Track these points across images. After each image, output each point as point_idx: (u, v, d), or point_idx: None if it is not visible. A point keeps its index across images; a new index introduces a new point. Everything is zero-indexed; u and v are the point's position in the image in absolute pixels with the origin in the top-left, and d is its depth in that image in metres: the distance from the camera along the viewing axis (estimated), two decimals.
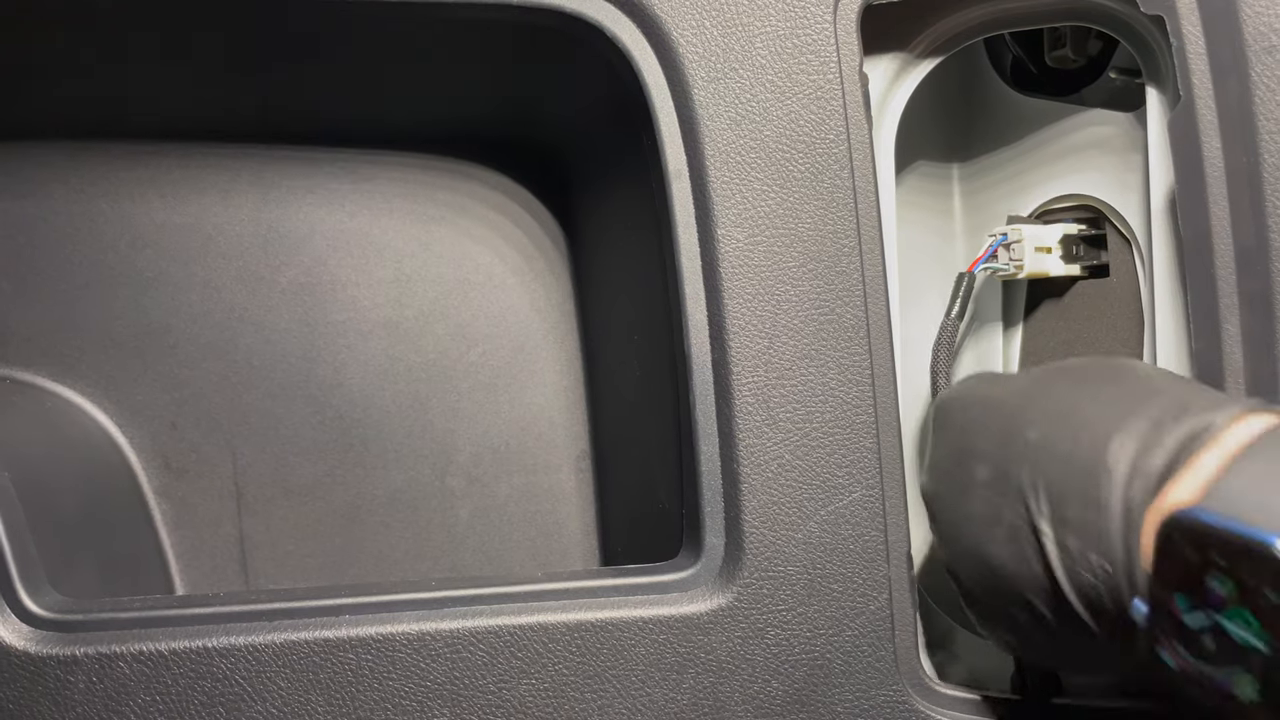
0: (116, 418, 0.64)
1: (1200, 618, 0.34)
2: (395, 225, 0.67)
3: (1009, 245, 0.58)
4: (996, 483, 0.43)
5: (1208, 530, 0.34)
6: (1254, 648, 0.32)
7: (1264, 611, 0.32)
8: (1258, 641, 0.32)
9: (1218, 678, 0.34)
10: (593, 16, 0.49)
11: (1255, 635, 0.32)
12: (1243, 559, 0.32)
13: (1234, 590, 0.33)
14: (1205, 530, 0.34)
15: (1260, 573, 0.32)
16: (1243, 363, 0.46)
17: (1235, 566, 0.33)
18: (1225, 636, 0.33)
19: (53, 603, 0.48)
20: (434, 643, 0.47)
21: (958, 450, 0.46)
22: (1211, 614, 0.33)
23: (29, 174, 0.62)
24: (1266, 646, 0.32)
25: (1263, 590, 0.32)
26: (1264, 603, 0.32)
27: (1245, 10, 0.46)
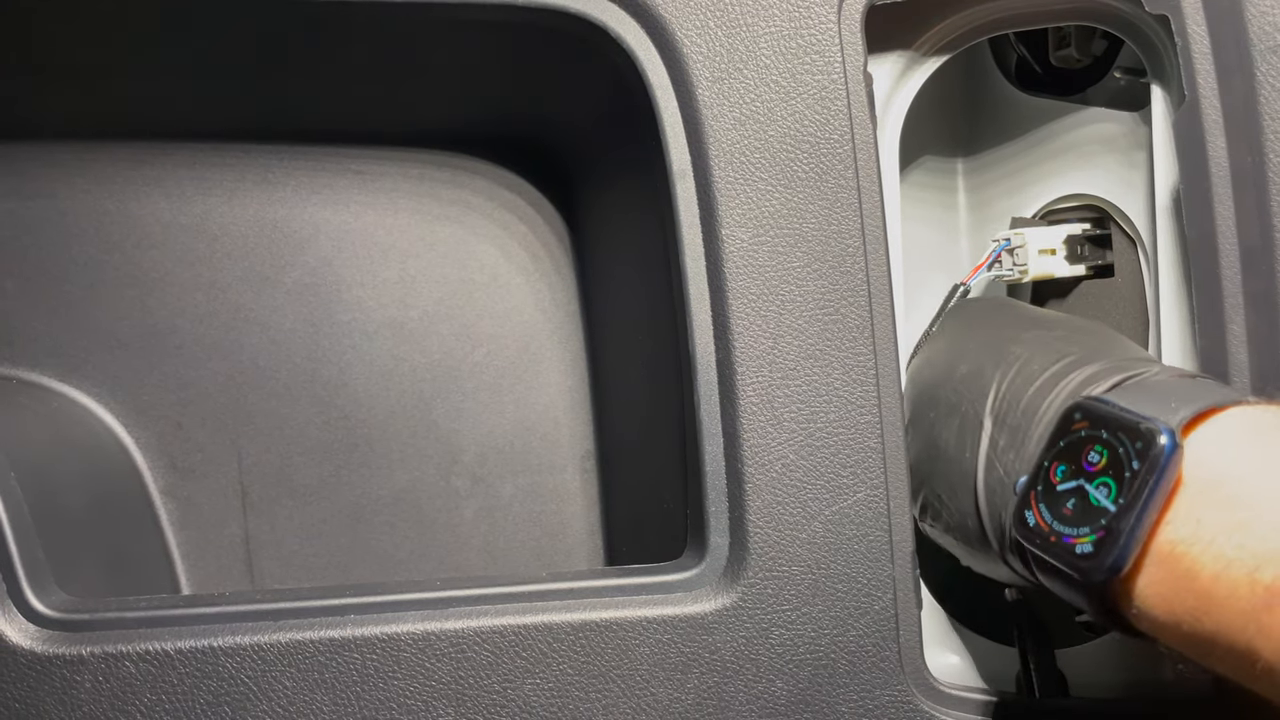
0: (122, 418, 0.64)
1: (1070, 485, 0.39)
2: (400, 225, 0.67)
3: (1012, 250, 0.58)
4: (970, 377, 0.48)
5: (1103, 410, 0.39)
6: (1105, 509, 0.37)
7: (1125, 478, 0.37)
8: (1109, 504, 0.37)
9: (1066, 534, 0.39)
10: (597, 17, 0.49)
11: (1110, 500, 0.37)
12: (1124, 434, 0.37)
13: (1107, 460, 0.38)
14: (1100, 410, 0.39)
15: (1135, 446, 0.37)
16: (1248, 361, 0.46)
17: (1115, 440, 0.38)
18: (1086, 500, 0.38)
19: (59, 602, 0.48)
20: (439, 642, 0.48)
21: (948, 348, 0.52)
22: (1081, 481, 0.39)
23: (35, 174, 0.62)
24: (1114, 508, 0.37)
25: (1131, 461, 0.37)
26: (1127, 471, 0.37)
27: (1250, 9, 0.46)
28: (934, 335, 0.55)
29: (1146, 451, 0.36)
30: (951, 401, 0.49)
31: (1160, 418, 0.37)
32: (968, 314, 0.56)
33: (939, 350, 0.54)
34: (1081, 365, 0.44)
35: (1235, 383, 0.46)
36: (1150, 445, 0.36)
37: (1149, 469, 0.36)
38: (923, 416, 0.51)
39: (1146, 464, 0.36)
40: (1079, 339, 0.47)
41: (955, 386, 0.49)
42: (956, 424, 0.48)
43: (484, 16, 0.51)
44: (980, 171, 0.66)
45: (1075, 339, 0.47)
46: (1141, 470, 0.36)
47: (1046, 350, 0.46)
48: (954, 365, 0.50)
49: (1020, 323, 0.51)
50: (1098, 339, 0.48)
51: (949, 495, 0.48)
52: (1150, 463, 0.36)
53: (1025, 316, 0.52)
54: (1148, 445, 0.36)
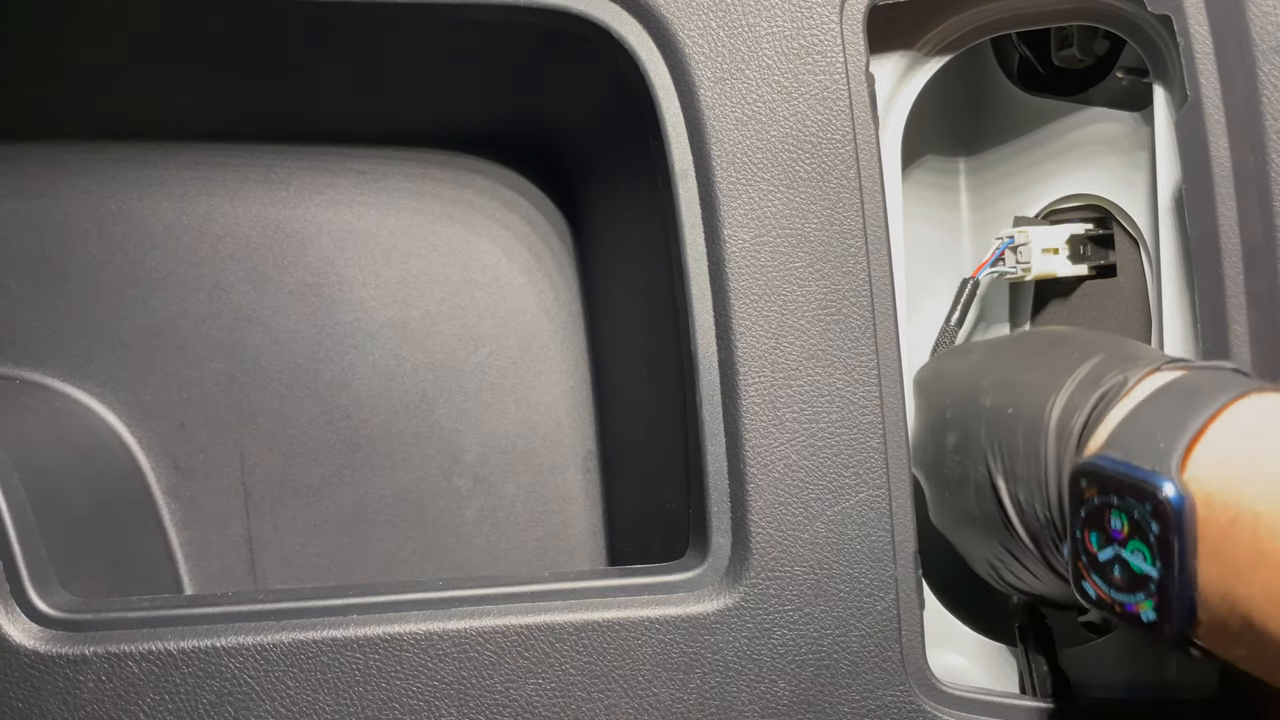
0: (125, 418, 0.64)
1: (1109, 552, 0.38)
2: (402, 225, 0.67)
3: (1015, 248, 0.58)
4: (962, 447, 0.47)
5: (1103, 473, 0.38)
6: (1148, 575, 0.36)
7: (1151, 543, 0.36)
8: (1150, 569, 0.36)
9: (1128, 603, 0.38)
10: (599, 18, 0.49)
11: (1149, 564, 0.36)
12: (1131, 497, 0.36)
13: (1128, 525, 0.37)
14: (1102, 473, 0.38)
15: (1145, 507, 0.36)
16: (1250, 361, 0.46)
17: (1126, 504, 0.37)
18: (1128, 567, 0.37)
19: (62, 602, 0.48)
20: (441, 642, 0.48)
21: (931, 422, 0.51)
22: (1115, 548, 0.38)
23: (38, 175, 0.62)
24: (1156, 573, 0.36)
25: (1149, 523, 0.36)
26: (1150, 535, 0.36)
27: (1253, 9, 0.46)
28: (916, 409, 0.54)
29: (1159, 512, 0.35)
30: (957, 475, 0.48)
31: (1157, 467, 0.36)
32: (929, 386, 0.53)
33: (916, 432, 0.53)
34: (1049, 395, 0.43)
35: None
36: (1159, 505, 0.35)
37: (1168, 529, 0.35)
38: (939, 495, 0.51)
39: (1164, 525, 0.35)
40: (1041, 364, 0.46)
41: (953, 458, 0.48)
42: (973, 492, 0.47)
43: (486, 17, 0.51)
44: (982, 171, 0.65)
45: (1036, 364, 0.46)
46: (1163, 532, 0.35)
47: (1009, 392, 0.45)
48: (941, 439, 0.49)
49: (981, 368, 0.49)
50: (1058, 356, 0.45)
51: (997, 552, 0.48)
52: (1166, 522, 0.35)
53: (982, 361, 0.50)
54: (1156, 505, 0.35)
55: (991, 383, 0.47)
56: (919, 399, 0.53)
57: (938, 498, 0.51)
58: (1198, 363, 0.42)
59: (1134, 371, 0.41)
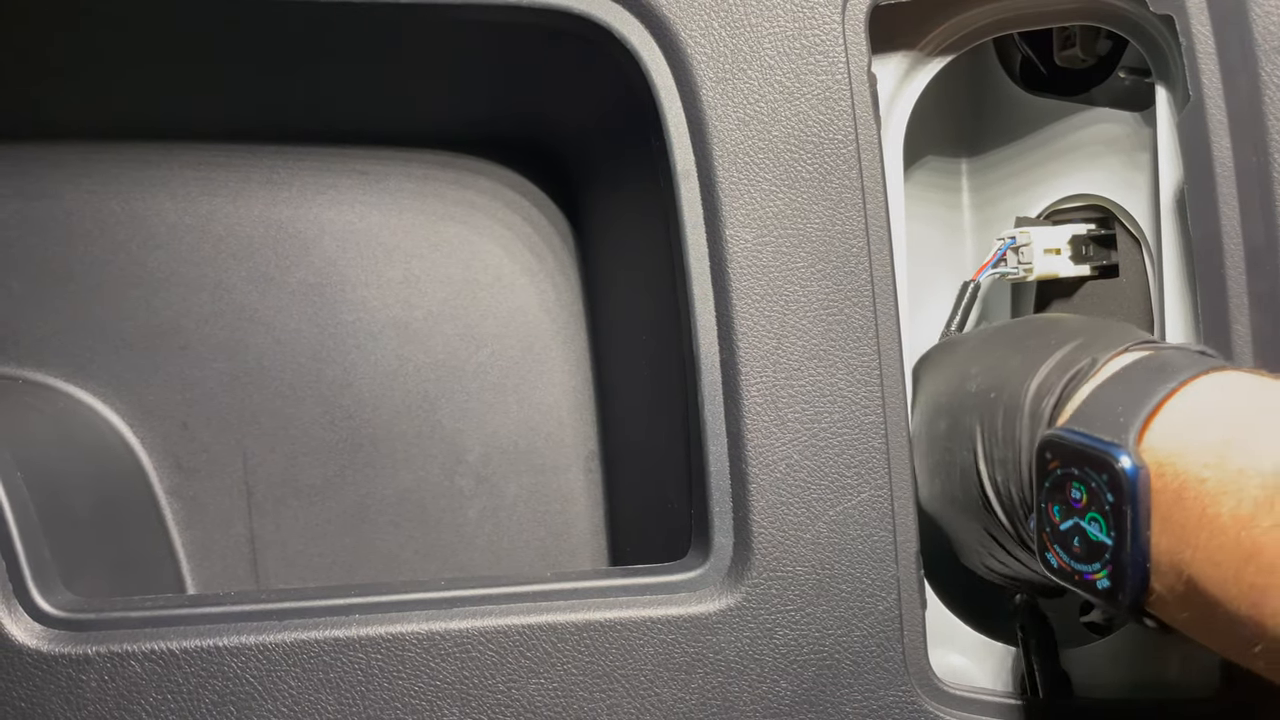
0: (128, 418, 0.64)
1: (1069, 523, 0.39)
2: (405, 226, 0.67)
3: (1017, 249, 0.58)
4: (951, 431, 0.48)
5: (1065, 445, 0.38)
6: (1104, 543, 0.37)
7: (1106, 512, 0.37)
8: (1105, 538, 0.37)
9: (1085, 572, 0.39)
10: (601, 18, 0.49)
11: (1104, 533, 0.37)
12: (1090, 468, 0.37)
13: (1086, 495, 0.38)
14: (1064, 445, 0.39)
15: (1102, 478, 0.37)
16: (1252, 362, 0.46)
17: (1085, 475, 0.37)
18: (1086, 536, 0.38)
19: (65, 602, 0.48)
20: (443, 642, 0.48)
21: (925, 409, 0.51)
22: (1075, 519, 0.39)
23: (41, 175, 0.62)
24: (1111, 541, 0.37)
25: (1105, 493, 0.37)
26: (1106, 504, 0.37)
27: (1255, 9, 0.46)
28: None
29: (1114, 482, 0.36)
30: (946, 460, 0.49)
31: (1115, 439, 0.36)
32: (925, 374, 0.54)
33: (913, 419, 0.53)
34: (1027, 378, 0.44)
35: None
36: (1115, 475, 0.36)
37: (1122, 499, 0.36)
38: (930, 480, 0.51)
39: (1119, 495, 0.36)
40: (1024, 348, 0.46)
41: (943, 444, 0.49)
42: (958, 477, 0.48)
43: (489, 18, 0.51)
44: (984, 171, 0.65)
45: (1020, 349, 0.46)
46: (1117, 501, 0.36)
47: (993, 376, 0.46)
48: (934, 425, 0.50)
49: (971, 356, 0.50)
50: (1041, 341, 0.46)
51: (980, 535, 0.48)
52: (1120, 492, 0.36)
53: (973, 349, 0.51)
54: (1113, 475, 0.36)
55: (979, 369, 0.48)
56: (916, 387, 0.54)
57: (928, 483, 0.51)
58: (1166, 344, 0.43)
59: (1104, 353, 0.41)
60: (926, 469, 0.51)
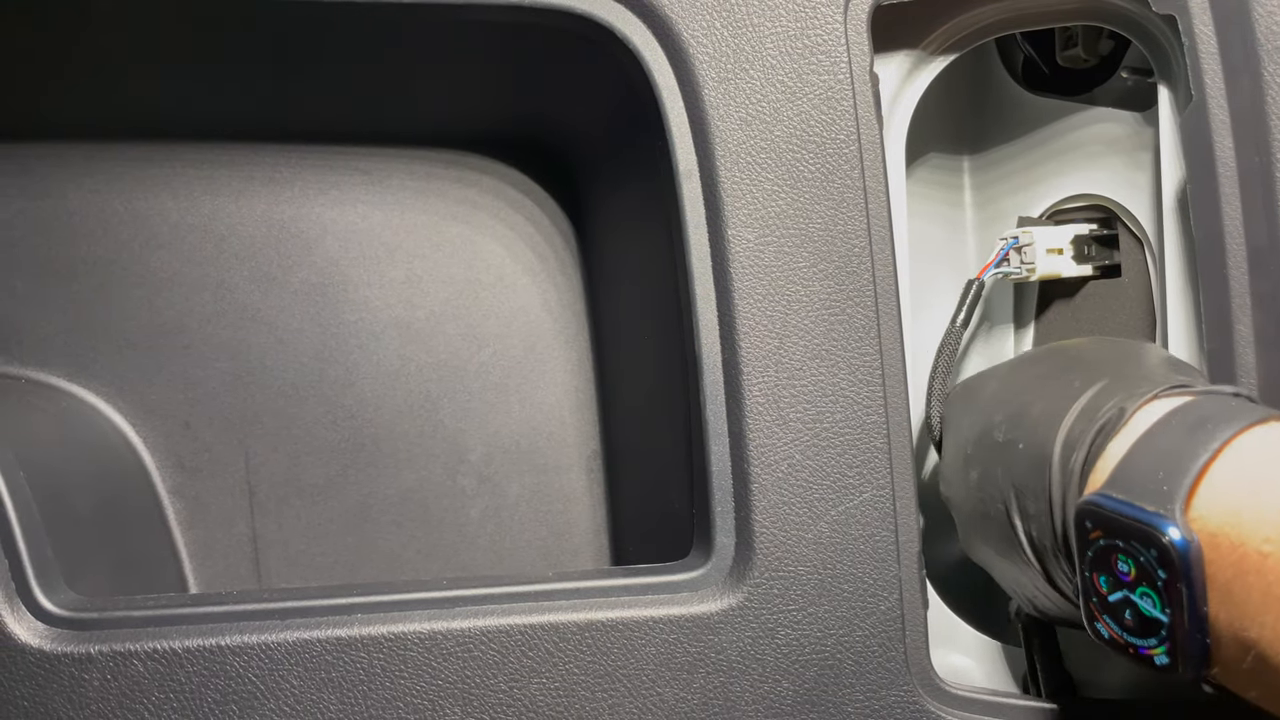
0: (130, 417, 0.64)
1: (1118, 596, 0.37)
2: (407, 225, 0.67)
3: (1020, 248, 0.58)
4: (983, 483, 0.46)
5: (1105, 515, 0.36)
6: (1159, 619, 0.35)
7: (1159, 588, 0.35)
8: (1160, 614, 0.35)
9: (1141, 647, 0.36)
10: (603, 18, 0.50)
11: (1158, 610, 0.35)
12: (1136, 541, 0.35)
13: (1135, 569, 0.36)
14: (1105, 516, 0.36)
15: (1151, 553, 0.34)
16: (1254, 363, 0.46)
17: (1132, 549, 0.35)
18: (1138, 610, 0.36)
19: (67, 601, 0.48)
20: (445, 642, 0.48)
21: (956, 457, 0.50)
22: (1125, 592, 0.36)
23: (44, 175, 0.63)
24: (1167, 618, 0.35)
25: (1156, 569, 0.34)
26: (1158, 580, 0.35)
27: (1258, 9, 0.46)
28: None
29: (1165, 558, 0.34)
30: (980, 511, 0.47)
31: (1160, 509, 0.34)
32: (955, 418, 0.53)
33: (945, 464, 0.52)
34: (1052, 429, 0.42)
35: (1242, 383, 0.46)
36: (1164, 550, 0.34)
37: (1175, 576, 0.34)
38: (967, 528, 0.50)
39: (1171, 571, 0.34)
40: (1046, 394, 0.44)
41: (975, 494, 0.48)
42: (995, 528, 0.46)
43: (491, 18, 0.51)
44: (986, 169, 0.65)
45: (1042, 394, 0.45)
46: (1170, 579, 0.34)
47: (1018, 426, 0.44)
48: (965, 474, 0.49)
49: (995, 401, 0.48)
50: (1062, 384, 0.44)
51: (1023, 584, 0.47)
52: (1172, 568, 0.34)
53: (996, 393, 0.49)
54: (1162, 550, 0.34)
55: (1003, 417, 0.46)
56: (943, 431, 0.53)
57: (967, 531, 0.51)
58: (1199, 387, 0.40)
59: (1131, 401, 0.39)
60: (964, 518, 0.50)
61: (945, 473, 0.52)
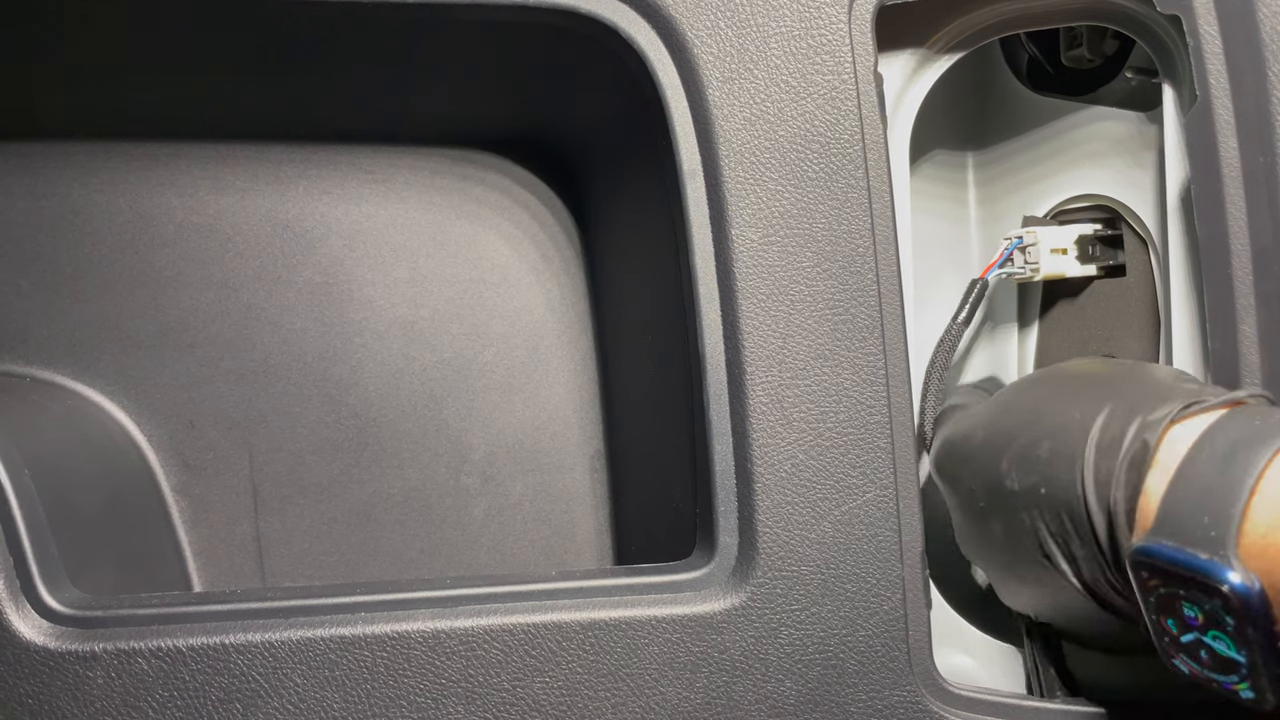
0: (135, 416, 0.64)
1: (1190, 637, 0.36)
2: (411, 225, 0.67)
3: (1024, 248, 0.58)
4: (1009, 535, 0.45)
5: (1162, 568, 0.36)
6: (1235, 660, 0.35)
7: (1231, 635, 0.34)
8: (1236, 655, 0.35)
9: (1224, 682, 0.36)
10: (608, 18, 0.50)
11: (1233, 651, 0.35)
12: (1196, 591, 0.35)
13: (1203, 616, 0.35)
14: (1160, 567, 0.36)
15: (1214, 601, 0.34)
16: (1259, 362, 0.46)
17: (1195, 597, 0.35)
18: (1214, 651, 0.36)
19: (72, 599, 0.48)
20: (449, 640, 0.48)
21: (967, 511, 0.49)
22: (1196, 634, 0.36)
23: (50, 175, 0.63)
24: (1243, 659, 0.34)
25: (1223, 616, 0.34)
26: (1228, 626, 0.34)
27: (1262, 10, 0.46)
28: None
29: (1229, 605, 0.34)
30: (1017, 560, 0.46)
31: (1213, 555, 0.34)
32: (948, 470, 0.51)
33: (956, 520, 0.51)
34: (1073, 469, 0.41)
35: (1246, 383, 0.46)
36: (1225, 599, 0.33)
37: (1242, 621, 0.34)
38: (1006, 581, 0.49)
39: (1238, 617, 0.34)
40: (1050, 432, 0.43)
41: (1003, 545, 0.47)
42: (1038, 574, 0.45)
43: (495, 17, 0.51)
44: (990, 167, 0.65)
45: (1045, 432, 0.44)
46: (1239, 624, 0.34)
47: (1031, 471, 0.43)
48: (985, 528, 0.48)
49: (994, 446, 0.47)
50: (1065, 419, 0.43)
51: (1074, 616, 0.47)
52: (1238, 615, 0.34)
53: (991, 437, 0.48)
54: (1223, 599, 0.34)
55: (1010, 464, 0.45)
56: (944, 488, 0.52)
57: (1004, 585, 0.50)
58: (1214, 398, 0.40)
59: (1150, 432, 0.39)
60: (998, 571, 0.49)
61: (960, 530, 0.51)
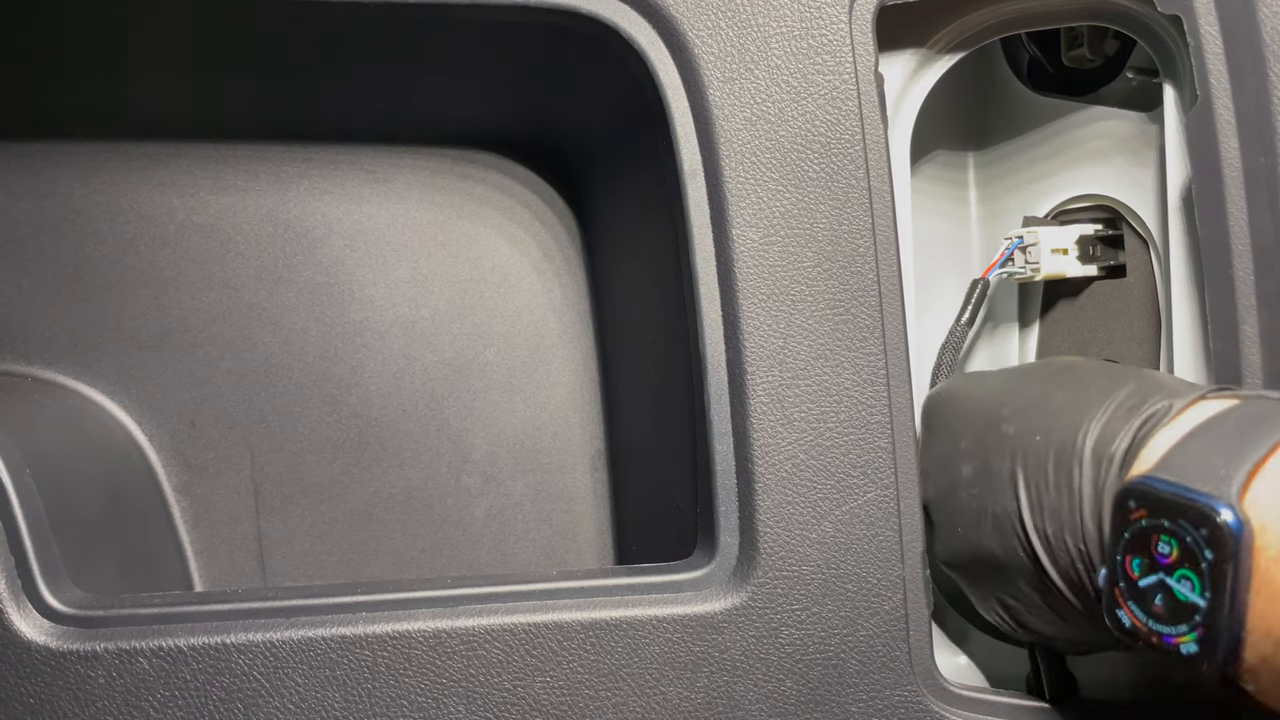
0: (136, 416, 0.64)
1: (1151, 580, 0.36)
2: (412, 225, 0.67)
3: (1025, 248, 0.58)
4: (980, 478, 0.46)
5: (1156, 495, 0.36)
6: (1195, 604, 0.35)
7: (1203, 570, 0.34)
8: (1198, 598, 0.34)
9: (1167, 634, 0.36)
10: (609, 18, 0.50)
11: (1196, 593, 0.35)
12: (1185, 520, 0.35)
13: (1178, 550, 0.35)
14: (1154, 495, 0.36)
15: (1200, 532, 0.34)
16: (1261, 363, 0.46)
17: (1179, 528, 0.35)
18: (1172, 595, 0.36)
19: (73, 598, 0.48)
20: (450, 640, 0.48)
21: (943, 453, 0.49)
22: (1160, 575, 0.36)
23: (52, 174, 0.63)
24: (1205, 603, 0.34)
25: (1202, 549, 0.34)
26: (1203, 562, 0.34)
27: (1263, 10, 0.46)
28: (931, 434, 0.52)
29: (1215, 537, 0.34)
30: (973, 509, 0.47)
31: (1215, 491, 0.34)
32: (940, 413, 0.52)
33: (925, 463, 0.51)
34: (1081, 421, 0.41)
35: (1248, 383, 0.46)
36: (1216, 530, 0.33)
37: (1223, 556, 0.33)
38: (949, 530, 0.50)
39: (1219, 552, 0.33)
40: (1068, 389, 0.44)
41: (968, 491, 0.47)
42: (991, 528, 0.45)
43: (496, 17, 0.51)
44: (991, 166, 0.65)
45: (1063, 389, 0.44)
46: (1217, 559, 0.34)
47: (1036, 418, 0.44)
48: (955, 471, 0.48)
49: (1000, 395, 0.48)
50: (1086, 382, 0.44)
51: (1012, 589, 0.46)
52: (1222, 550, 0.33)
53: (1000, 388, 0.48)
54: (1213, 530, 0.34)
55: (1013, 410, 0.45)
56: (927, 427, 0.52)
57: (948, 534, 0.49)
58: (1245, 391, 0.40)
59: (1178, 398, 0.39)
60: (945, 517, 0.49)
61: (927, 472, 0.51)
